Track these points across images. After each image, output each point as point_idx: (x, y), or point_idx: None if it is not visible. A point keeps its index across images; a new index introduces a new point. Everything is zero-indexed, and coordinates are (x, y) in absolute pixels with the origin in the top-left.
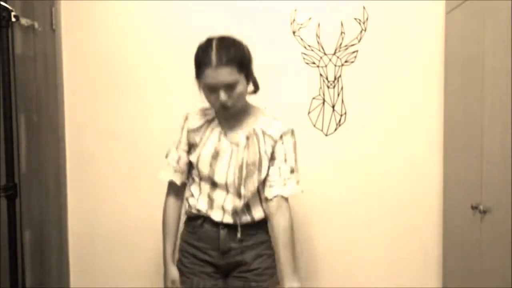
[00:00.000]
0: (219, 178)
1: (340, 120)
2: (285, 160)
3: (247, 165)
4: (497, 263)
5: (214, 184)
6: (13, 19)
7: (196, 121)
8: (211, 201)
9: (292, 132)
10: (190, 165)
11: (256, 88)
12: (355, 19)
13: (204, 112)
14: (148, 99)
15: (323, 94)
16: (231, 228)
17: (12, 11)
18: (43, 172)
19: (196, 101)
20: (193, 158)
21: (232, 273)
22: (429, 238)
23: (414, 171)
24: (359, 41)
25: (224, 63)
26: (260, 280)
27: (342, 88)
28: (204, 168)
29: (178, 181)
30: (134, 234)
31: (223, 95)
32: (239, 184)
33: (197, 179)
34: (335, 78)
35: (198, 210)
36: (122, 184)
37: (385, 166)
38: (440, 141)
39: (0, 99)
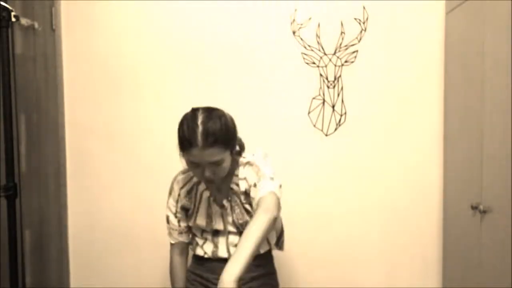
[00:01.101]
0: (219, 229)
1: (340, 120)
2: (255, 185)
3: (238, 220)
4: (497, 263)
5: (215, 234)
6: (13, 19)
7: (185, 182)
8: (215, 246)
9: (249, 162)
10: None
11: (242, 149)
12: (355, 19)
13: (188, 174)
14: (148, 99)
15: (323, 94)
16: None
17: (12, 11)
18: (43, 172)
19: (196, 101)
20: (191, 222)
21: None
22: (429, 238)
23: (414, 171)
24: (359, 41)
25: (210, 144)
26: None
27: (342, 88)
28: (203, 227)
29: (185, 240)
30: (134, 234)
31: (207, 172)
32: (238, 229)
33: (198, 233)
34: (335, 78)
35: (205, 253)
36: (122, 184)
37: (385, 166)
38: (440, 141)
39: (0, 99)
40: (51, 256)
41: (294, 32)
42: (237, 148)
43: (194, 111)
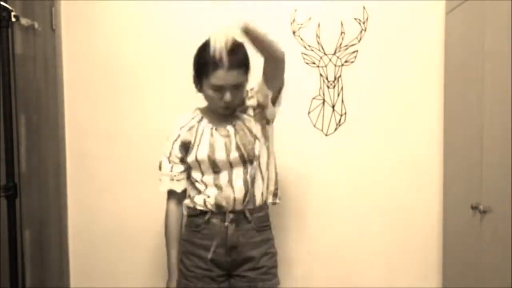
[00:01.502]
0: (220, 160)
1: (340, 120)
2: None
3: (244, 145)
4: (497, 263)
5: (217, 171)
6: (13, 19)
7: (187, 121)
8: (219, 188)
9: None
10: (188, 169)
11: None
12: (355, 19)
13: (190, 115)
14: (148, 99)
15: (323, 94)
16: (239, 222)
17: (12, 11)
18: (43, 172)
19: (196, 101)
20: (191, 157)
21: (237, 271)
22: (429, 238)
23: (414, 171)
24: (359, 41)
25: (235, 66)
26: (266, 279)
27: (342, 88)
28: (205, 164)
29: (177, 188)
30: (134, 234)
31: (228, 96)
32: (241, 155)
33: (199, 177)
34: (335, 78)
35: (206, 204)
36: (122, 184)
37: (385, 166)
38: (440, 141)
39: (0, 99)
40: (51, 256)
41: (294, 32)
42: None
43: (216, 35)
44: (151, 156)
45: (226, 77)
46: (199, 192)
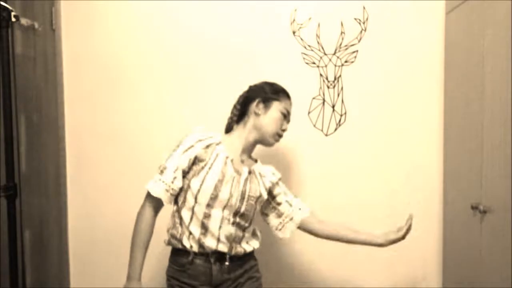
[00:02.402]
0: (220, 202)
1: (340, 120)
2: (286, 194)
3: (249, 196)
4: (497, 263)
5: (210, 210)
6: (13, 19)
7: (205, 137)
8: (205, 228)
9: (274, 172)
10: (180, 191)
11: None
12: (355, 19)
13: (210, 134)
14: (148, 100)
15: (323, 94)
16: (222, 260)
17: (12, 11)
18: (43, 172)
19: (197, 101)
20: (196, 181)
21: None
22: (429, 238)
23: (414, 171)
24: (359, 41)
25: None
26: (253, 286)
27: (342, 88)
28: (208, 190)
29: (165, 201)
30: None
31: (286, 125)
32: (239, 208)
33: (191, 203)
34: (335, 78)
35: (188, 246)
36: (122, 184)
37: (385, 166)
38: (440, 141)
39: (0, 99)
40: (51, 256)
41: (294, 32)
42: None
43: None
44: (151, 156)
45: (291, 109)
46: (181, 225)
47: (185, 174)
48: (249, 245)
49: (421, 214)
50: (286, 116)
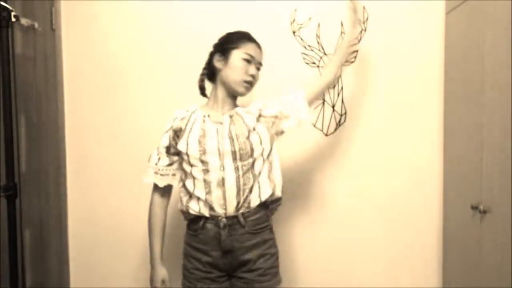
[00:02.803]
0: (210, 147)
1: (340, 120)
2: (275, 103)
3: (237, 135)
4: (497, 263)
5: (206, 162)
6: (13, 19)
7: (180, 113)
8: (208, 184)
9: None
10: (175, 163)
11: None
12: None
13: (187, 108)
14: (148, 99)
15: (323, 94)
16: (232, 227)
17: (12, 11)
18: (43, 172)
19: (197, 101)
20: (181, 145)
21: (235, 273)
22: (429, 238)
23: (414, 171)
24: (359, 41)
25: (260, 48)
26: (263, 281)
27: (342, 88)
28: (194, 148)
29: (159, 183)
30: (134, 234)
31: (254, 70)
32: (233, 150)
33: (188, 169)
34: None
35: (200, 210)
36: (122, 184)
37: (385, 166)
38: (440, 141)
39: (0, 99)
40: (51, 256)
41: (294, 32)
42: None
43: None
44: None
45: (257, 51)
46: (190, 195)
47: (170, 149)
48: (259, 197)
49: (421, 214)
50: (250, 61)
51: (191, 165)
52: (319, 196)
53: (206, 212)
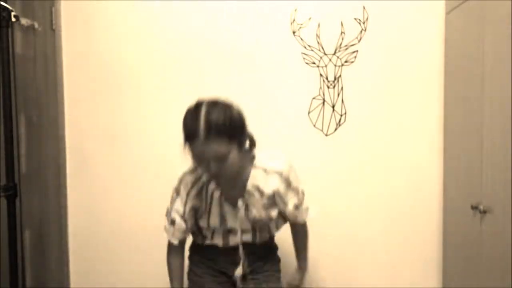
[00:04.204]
0: (233, 227)
1: (340, 120)
2: (286, 204)
3: (255, 219)
4: (497, 263)
5: (228, 232)
6: (13, 19)
7: (193, 189)
8: (226, 239)
9: (282, 176)
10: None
11: (253, 145)
12: (355, 19)
13: (197, 175)
14: (148, 99)
15: (323, 94)
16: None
17: (12, 11)
18: (43, 172)
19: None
20: (203, 222)
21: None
22: (429, 238)
23: (414, 171)
24: (359, 41)
25: (212, 137)
26: (270, 281)
27: (342, 88)
28: (217, 229)
29: (177, 240)
30: (134, 234)
31: (213, 167)
32: (254, 228)
33: (209, 236)
34: (335, 78)
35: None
36: (122, 184)
37: (385, 166)
38: (440, 141)
39: (0, 99)
40: (51, 256)
41: (294, 32)
42: (247, 144)
43: (198, 103)
44: (151, 156)
45: (204, 149)
46: (205, 237)
47: (187, 217)
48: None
49: (421, 214)
50: (203, 159)
51: (212, 234)
52: (319, 196)
53: (220, 245)
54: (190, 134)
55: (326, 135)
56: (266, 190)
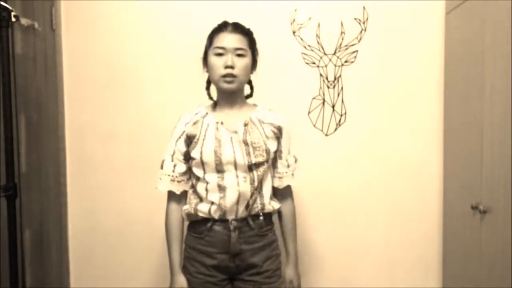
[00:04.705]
0: (226, 159)
1: (340, 120)
2: (289, 152)
3: (254, 147)
4: (497, 263)
5: (221, 171)
6: (13, 19)
7: (191, 117)
8: (222, 190)
9: (285, 120)
10: (190, 168)
11: (251, 92)
12: (355, 19)
13: (195, 111)
14: (148, 99)
15: (323, 94)
16: (241, 229)
17: (12, 11)
18: (43, 172)
19: (197, 100)
20: (195, 153)
21: (241, 276)
22: (429, 238)
23: (414, 171)
24: (359, 41)
25: (238, 31)
26: (270, 282)
27: (342, 88)
28: (209, 158)
29: (177, 190)
30: (134, 234)
31: (231, 59)
32: (249, 161)
33: (201, 174)
34: (335, 78)
35: (210, 213)
36: (122, 184)
37: (385, 166)
38: (440, 141)
39: (0, 99)
40: (51, 256)
41: (294, 32)
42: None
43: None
44: (151, 155)
45: (228, 39)
46: (201, 199)
47: (187, 155)
48: (270, 205)
49: (421, 214)
50: (222, 53)
51: (204, 171)
52: (319, 196)
53: (216, 215)
54: (219, 26)
55: (326, 135)
56: (273, 121)
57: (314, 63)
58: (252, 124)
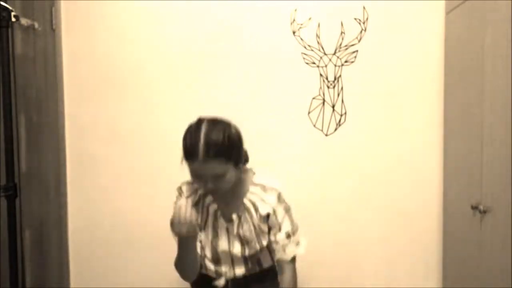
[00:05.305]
0: (223, 256)
1: (340, 120)
2: (280, 229)
3: (245, 238)
4: (497, 263)
5: (217, 261)
6: (13, 19)
7: (191, 196)
8: (218, 275)
9: (281, 199)
10: None
11: (246, 160)
12: (355, 19)
13: (193, 185)
14: (148, 99)
15: (323, 94)
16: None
17: (12, 11)
18: (43, 172)
19: (197, 100)
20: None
21: None
22: (429, 238)
23: (414, 171)
24: (359, 41)
25: (211, 157)
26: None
27: (342, 88)
28: (207, 250)
29: None
30: (134, 234)
31: (210, 184)
32: (243, 254)
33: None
34: (335, 78)
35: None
36: (122, 184)
37: (385, 166)
38: (440, 141)
39: (0, 99)
40: (51, 256)
41: (294, 32)
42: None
43: (199, 122)
44: (151, 155)
45: (203, 168)
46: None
47: None
48: (266, 263)
49: (421, 214)
50: (201, 177)
51: (201, 255)
52: (319, 196)
53: (213, 274)
54: (189, 153)
55: (326, 135)
56: (262, 209)
57: (314, 63)
58: (246, 212)
